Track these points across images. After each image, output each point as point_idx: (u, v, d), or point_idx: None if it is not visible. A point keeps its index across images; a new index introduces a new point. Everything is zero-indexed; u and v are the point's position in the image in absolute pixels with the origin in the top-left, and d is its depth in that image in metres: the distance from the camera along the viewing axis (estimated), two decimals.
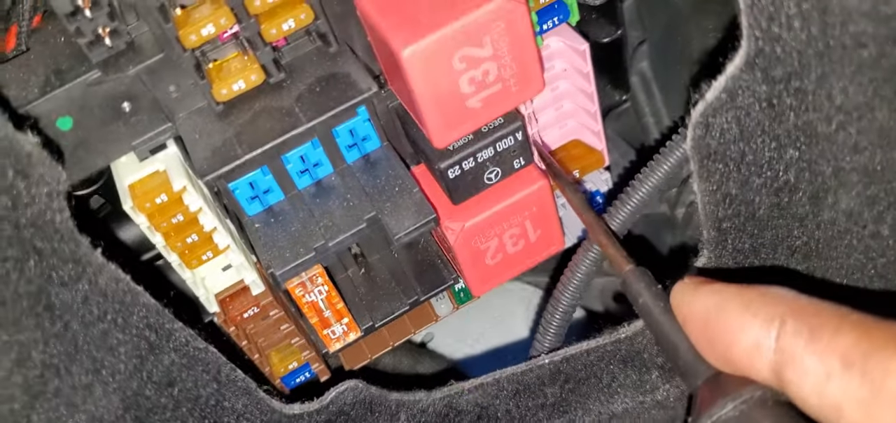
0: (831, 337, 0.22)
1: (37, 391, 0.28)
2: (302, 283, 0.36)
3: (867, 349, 0.22)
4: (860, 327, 0.22)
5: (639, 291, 0.31)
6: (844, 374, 0.22)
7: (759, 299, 0.25)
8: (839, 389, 0.22)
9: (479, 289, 0.40)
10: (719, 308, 0.26)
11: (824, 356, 0.22)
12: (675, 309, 0.28)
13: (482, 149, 0.35)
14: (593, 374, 0.37)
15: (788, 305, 0.24)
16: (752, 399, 0.25)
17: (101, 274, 0.29)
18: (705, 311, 0.27)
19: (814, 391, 0.23)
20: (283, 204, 0.36)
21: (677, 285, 0.29)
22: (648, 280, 0.31)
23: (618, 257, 0.33)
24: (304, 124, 0.32)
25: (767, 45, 0.25)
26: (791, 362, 0.23)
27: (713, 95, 0.27)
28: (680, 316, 0.28)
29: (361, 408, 0.37)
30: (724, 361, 0.26)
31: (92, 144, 0.33)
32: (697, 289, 0.27)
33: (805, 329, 0.23)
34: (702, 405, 0.26)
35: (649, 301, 0.30)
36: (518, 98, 0.33)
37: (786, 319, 0.24)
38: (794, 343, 0.23)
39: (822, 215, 0.30)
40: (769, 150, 0.28)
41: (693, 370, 0.28)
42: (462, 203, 0.37)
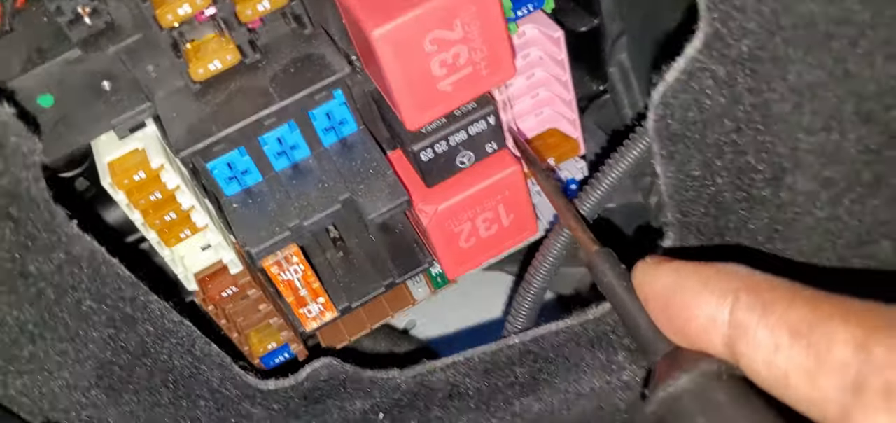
0: (783, 311, 0.23)
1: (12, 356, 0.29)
2: (277, 261, 0.36)
3: (814, 321, 0.22)
4: (810, 301, 0.23)
5: (603, 271, 0.32)
6: (792, 345, 0.23)
7: (715, 275, 0.26)
8: (786, 359, 0.23)
9: (453, 272, 0.40)
10: (677, 285, 0.27)
11: (775, 329, 0.23)
12: (637, 288, 0.29)
13: (454, 132, 0.36)
14: (562, 354, 0.38)
15: (743, 280, 0.25)
16: (708, 372, 0.26)
17: (76, 244, 0.29)
18: (664, 288, 0.27)
19: (764, 363, 0.23)
20: (261, 185, 0.37)
21: (639, 264, 0.30)
22: (613, 261, 0.32)
23: (585, 239, 0.34)
24: (277, 103, 0.33)
25: (723, 26, 0.26)
26: (744, 335, 0.24)
27: (673, 77, 0.28)
28: (641, 294, 0.29)
29: (335, 385, 0.38)
30: (681, 336, 0.27)
31: (73, 122, 0.34)
32: (657, 267, 0.28)
33: (758, 304, 0.24)
34: (659, 378, 0.27)
35: (613, 280, 0.31)
36: (489, 82, 0.34)
37: (740, 294, 0.25)
38: (747, 317, 0.24)
39: (781, 196, 0.31)
40: (729, 131, 0.29)
41: (653, 346, 0.29)
42: (435, 186, 0.37)
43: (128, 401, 0.33)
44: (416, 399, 0.39)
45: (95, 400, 0.32)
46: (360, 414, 0.39)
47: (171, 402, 0.34)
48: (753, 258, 0.34)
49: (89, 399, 0.32)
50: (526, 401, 0.39)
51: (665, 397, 0.26)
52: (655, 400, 0.27)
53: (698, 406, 0.26)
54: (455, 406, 0.39)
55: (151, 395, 0.34)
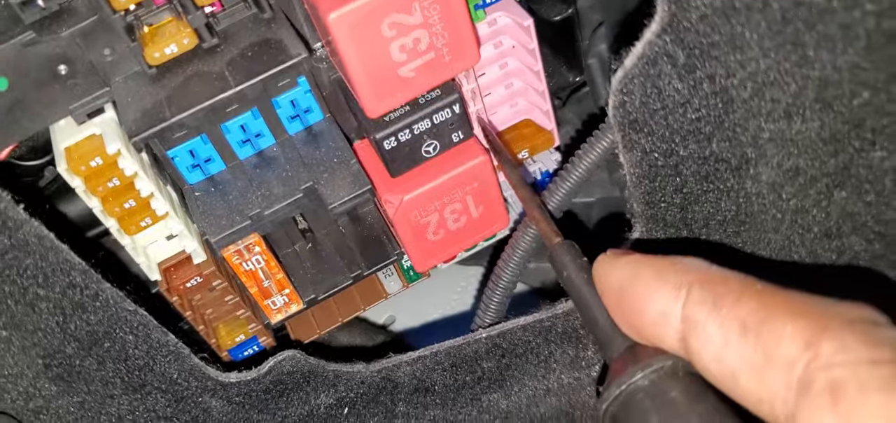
0: (732, 305, 0.23)
1: None
2: (238, 251, 0.36)
3: (764, 316, 0.22)
4: (761, 295, 0.22)
5: (564, 263, 0.31)
6: (741, 341, 0.22)
7: (669, 268, 0.25)
8: (735, 355, 0.22)
9: (422, 265, 0.40)
10: (632, 279, 0.26)
11: (724, 324, 0.22)
12: (596, 281, 0.29)
13: (418, 121, 0.35)
14: (530, 349, 0.37)
15: (696, 274, 0.24)
16: (663, 369, 0.25)
17: (22, 229, 0.29)
18: (619, 282, 0.27)
19: (713, 359, 0.23)
20: (224, 174, 0.36)
21: (599, 257, 0.29)
22: (574, 253, 0.31)
23: (548, 231, 0.33)
24: (231, 89, 0.32)
25: (679, 10, 0.25)
26: (694, 330, 0.23)
27: (631, 63, 0.27)
28: (599, 287, 0.28)
29: (299, 378, 0.37)
30: (636, 331, 0.26)
31: (29, 107, 0.33)
32: (616, 260, 0.28)
33: (709, 297, 0.23)
34: (613, 374, 0.27)
35: (573, 274, 0.31)
36: (452, 69, 0.33)
37: (693, 287, 0.24)
38: (698, 311, 0.23)
39: (746, 186, 0.30)
40: (690, 118, 0.28)
41: (609, 341, 0.28)
42: (401, 176, 0.37)
43: (78, 391, 0.32)
44: (382, 394, 0.38)
45: (43, 390, 0.32)
46: (324, 409, 0.38)
47: (124, 393, 0.34)
48: (722, 253, 0.33)
49: (37, 389, 0.32)
50: (493, 397, 0.38)
51: (618, 394, 0.26)
52: (609, 397, 0.26)
53: (652, 404, 0.25)
54: (421, 401, 0.38)
55: (104, 386, 0.33)
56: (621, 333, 0.27)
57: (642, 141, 0.29)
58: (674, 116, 0.28)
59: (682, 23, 0.26)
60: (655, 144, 0.29)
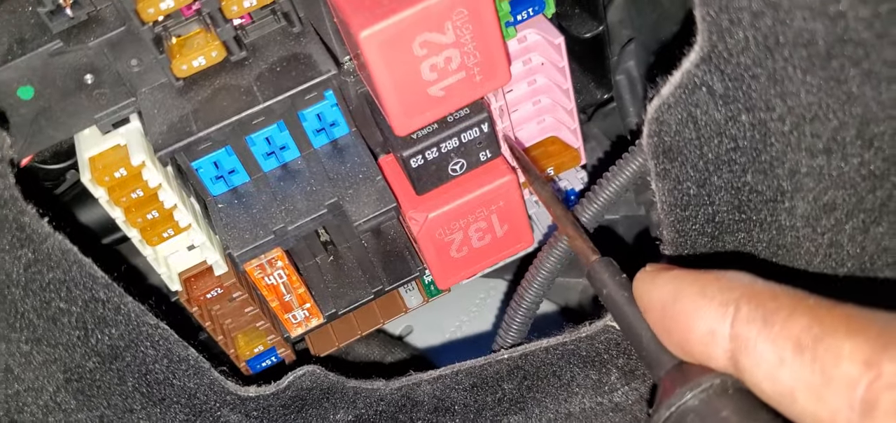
0: (784, 322, 0.22)
1: None
2: (260, 265, 0.36)
3: (819, 333, 0.21)
4: (814, 310, 0.22)
5: (603, 281, 0.30)
6: (796, 359, 0.21)
7: (714, 283, 0.24)
8: (791, 374, 0.21)
9: (444, 282, 0.39)
10: (676, 295, 0.25)
11: (777, 342, 0.22)
12: (637, 298, 0.28)
13: (446, 139, 0.35)
14: (552, 372, 0.37)
15: (744, 290, 0.23)
16: (712, 387, 0.24)
17: (46, 243, 0.29)
18: (663, 299, 0.26)
19: (767, 378, 0.22)
20: (248, 186, 0.36)
21: (638, 273, 0.28)
22: (613, 270, 0.31)
23: (584, 248, 0.32)
24: (259, 104, 0.32)
25: (720, 41, 0.25)
26: (745, 348, 0.23)
27: (668, 91, 0.27)
28: (641, 305, 0.28)
29: (318, 393, 0.37)
30: (682, 349, 0.25)
31: (54, 116, 0.33)
32: (656, 277, 0.27)
33: (759, 314, 0.22)
34: (663, 394, 0.26)
35: (613, 291, 0.30)
36: (483, 88, 0.33)
37: (740, 304, 0.23)
38: (747, 329, 0.23)
39: (780, 219, 0.29)
40: (726, 149, 0.28)
41: (656, 360, 0.27)
42: (427, 194, 0.36)
43: (97, 406, 0.32)
44: (401, 412, 0.38)
45: (63, 405, 0.31)
46: None
47: (144, 408, 0.33)
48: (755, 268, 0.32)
49: (57, 404, 0.31)
50: (513, 419, 0.37)
51: (669, 415, 0.25)
52: (659, 420, 0.25)
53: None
54: (440, 421, 0.38)
55: (123, 400, 0.33)
56: (667, 351, 0.27)
57: (675, 170, 0.29)
58: (709, 145, 0.28)
59: (723, 53, 0.25)
60: (689, 173, 0.29)
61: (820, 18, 0.23)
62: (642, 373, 0.36)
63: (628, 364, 0.36)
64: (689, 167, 0.29)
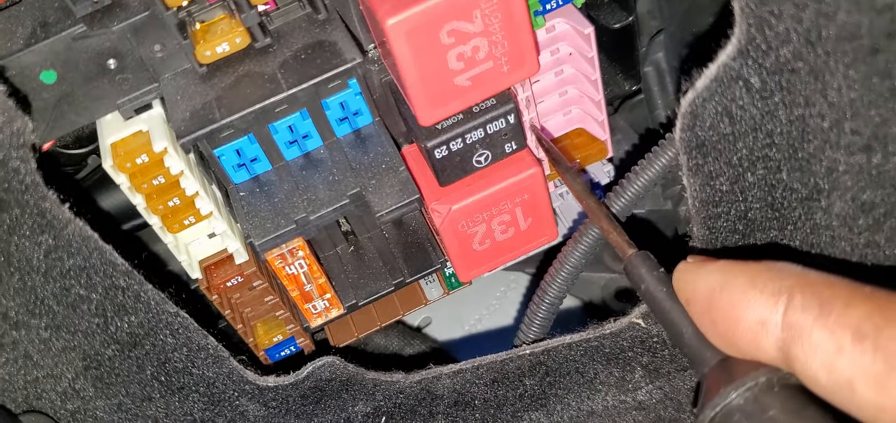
0: (842, 311, 0.21)
1: None
2: (281, 254, 0.35)
3: (880, 322, 0.20)
4: (873, 299, 0.21)
5: (641, 276, 0.30)
6: (856, 348, 0.20)
7: (765, 273, 0.23)
8: (851, 364, 0.21)
9: (466, 275, 0.39)
10: (723, 286, 0.24)
11: (835, 330, 0.21)
12: (678, 291, 0.27)
13: (471, 130, 0.34)
14: (575, 369, 0.36)
15: (797, 279, 0.23)
16: (759, 385, 0.23)
17: (67, 229, 0.28)
18: (708, 290, 0.25)
19: (823, 368, 0.21)
20: (270, 174, 0.36)
21: (680, 265, 0.27)
22: (651, 264, 0.30)
23: (620, 242, 0.31)
24: (283, 92, 0.31)
25: (759, 33, 0.24)
26: (799, 338, 0.22)
27: (703, 84, 0.26)
28: (683, 298, 0.27)
29: (337, 385, 0.37)
30: (728, 343, 0.25)
31: (76, 100, 0.33)
32: (700, 268, 0.26)
33: (814, 303, 0.22)
34: (707, 393, 0.25)
35: (652, 286, 0.29)
36: (510, 79, 0.32)
37: (794, 293, 0.22)
38: (802, 318, 0.22)
39: (815, 218, 0.28)
40: (761, 145, 0.27)
41: (699, 356, 0.26)
42: (450, 185, 0.36)
43: (116, 393, 0.32)
44: (420, 405, 0.37)
45: (82, 392, 0.31)
46: (361, 417, 0.37)
47: (163, 396, 0.33)
48: None
49: (75, 390, 0.31)
50: (534, 415, 0.37)
51: (714, 416, 0.24)
52: (705, 419, 0.24)
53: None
54: (460, 415, 0.37)
55: (142, 388, 0.32)
56: (711, 346, 0.26)
57: (709, 165, 0.28)
58: (744, 141, 0.27)
59: (762, 46, 0.24)
60: (722, 169, 0.28)
61: (866, 12, 0.22)
62: (667, 371, 0.35)
63: (653, 362, 0.35)
64: (723, 163, 0.28)
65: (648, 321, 0.35)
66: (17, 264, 0.28)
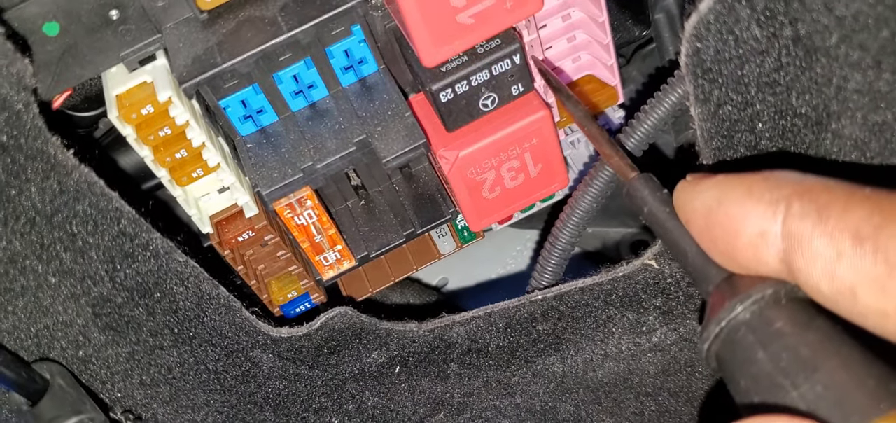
0: (841, 214, 0.20)
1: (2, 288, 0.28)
2: (290, 204, 0.35)
3: (879, 222, 0.19)
4: (872, 200, 0.20)
5: (644, 198, 0.29)
6: (856, 251, 0.20)
7: (761, 182, 0.23)
8: (851, 269, 0.20)
9: (477, 223, 0.38)
10: (720, 199, 0.24)
11: (834, 235, 0.20)
12: (678, 211, 0.26)
13: (476, 71, 0.34)
14: (588, 313, 0.36)
15: (794, 186, 0.22)
16: (764, 298, 0.23)
17: (72, 175, 0.28)
18: (706, 205, 0.24)
19: (825, 276, 0.20)
20: (277, 125, 0.36)
21: (679, 183, 0.27)
22: (653, 186, 0.29)
23: (622, 165, 0.31)
24: (284, 34, 0.31)
25: None
26: (799, 246, 0.21)
27: (706, 7, 0.26)
28: (683, 217, 0.26)
29: (351, 335, 0.37)
30: (729, 258, 0.24)
31: (80, 53, 0.33)
32: (697, 184, 0.25)
33: (813, 209, 0.21)
34: (711, 310, 0.24)
35: (654, 207, 0.28)
36: (514, 16, 0.32)
37: (792, 201, 0.22)
38: (801, 226, 0.21)
39: (826, 144, 0.28)
40: (769, 69, 0.26)
41: (703, 274, 0.25)
42: (457, 131, 0.35)
43: (127, 341, 0.32)
44: (434, 353, 0.37)
45: (93, 339, 0.31)
46: (375, 367, 0.37)
47: (174, 345, 0.33)
48: None
49: (86, 338, 0.31)
50: (549, 360, 0.37)
51: (719, 331, 0.24)
52: (709, 336, 0.24)
53: (756, 338, 0.23)
54: (474, 362, 0.37)
55: (153, 337, 0.33)
56: (715, 263, 0.25)
57: (716, 92, 0.28)
58: (750, 65, 0.26)
59: None
60: (729, 95, 0.28)
61: None
62: (681, 313, 0.35)
63: (666, 304, 0.35)
64: (730, 89, 0.27)
65: (661, 262, 0.34)
66: (23, 208, 0.28)
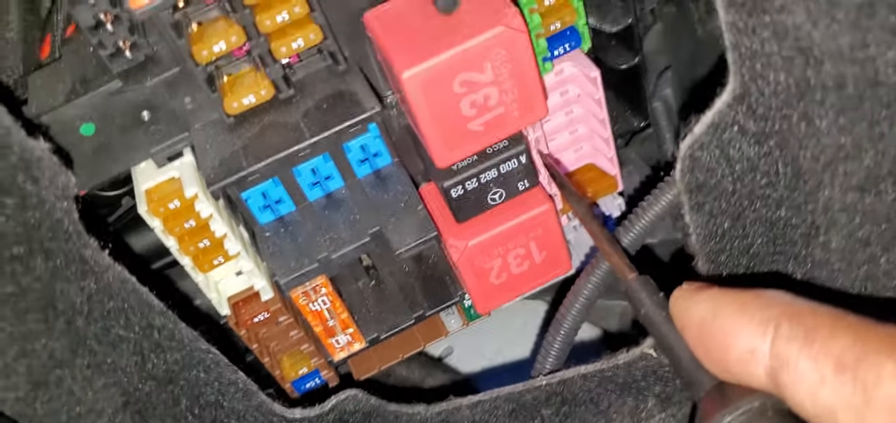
0: (825, 341, 0.22)
1: (40, 381, 0.30)
2: (305, 292, 0.37)
3: (861, 353, 0.21)
4: (855, 330, 0.22)
5: (641, 300, 0.31)
6: (837, 379, 0.21)
7: (754, 301, 0.25)
8: (832, 394, 0.21)
9: (484, 307, 0.40)
10: (715, 313, 0.26)
11: (818, 360, 0.22)
12: (674, 317, 0.28)
13: (485, 170, 0.36)
14: (590, 399, 0.38)
15: (784, 308, 0.24)
16: (752, 409, 0.25)
17: (107, 273, 0.30)
18: (701, 317, 0.26)
19: (808, 397, 0.22)
20: (295, 215, 0.37)
21: (675, 291, 0.28)
22: (651, 288, 0.31)
23: (621, 265, 0.33)
24: (306, 140, 0.33)
25: (752, 83, 0.26)
26: (786, 366, 0.23)
27: (700, 130, 0.28)
28: (678, 324, 0.28)
29: (360, 417, 0.38)
30: (721, 369, 0.26)
31: (113, 150, 0.35)
32: (694, 295, 0.27)
33: (800, 333, 0.23)
34: (702, 417, 0.26)
35: (651, 310, 0.30)
36: (520, 122, 0.34)
37: (781, 322, 0.23)
38: (788, 348, 0.23)
39: (814, 254, 0.30)
40: (760, 185, 0.28)
41: (695, 380, 0.27)
42: (467, 222, 0.37)
43: None
44: None
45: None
46: None
47: None
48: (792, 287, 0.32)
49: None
50: None
51: None
52: None
53: None
54: None
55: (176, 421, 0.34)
56: (706, 371, 0.27)
57: (709, 204, 0.30)
58: (742, 181, 0.28)
59: (755, 94, 0.26)
60: (723, 207, 0.30)
61: (849, 64, 0.24)
62: (679, 400, 0.37)
63: (665, 391, 0.36)
64: (723, 202, 0.29)
65: (659, 351, 0.36)
66: (62, 308, 0.30)
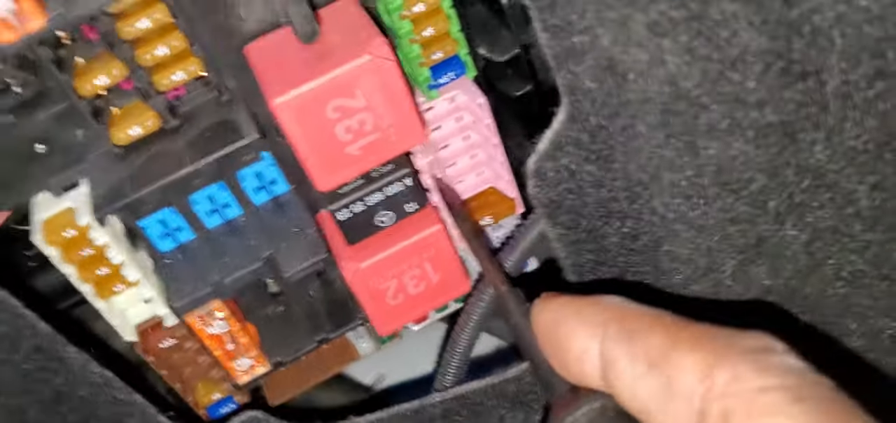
0: (643, 339, 0.24)
1: None
2: (201, 316, 0.38)
3: (668, 349, 0.23)
4: (668, 328, 0.23)
5: (510, 311, 0.32)
6: (649, 374, 0.23)
7: (589, 307, 0.26)
8: (646, 389, 0.23)
9: (384, 328, 0.41)
10: (557, 320, 0.27)
11: (636, 358, 0.23)
12: (533, 325, 0.30)
13: (370, 193, 0.37)
14: (484, 412, 0.39)
15: (614, 311, 0.25)
16: (592, 410, 0.26)
17: None
18: (547, 324, 0.28)
19: (628, 392, 0.24)
20: (194, 242, 0.39)
21: (534, 302, 0.30)
22: (518, 300, 0.32)
23: (495, 279, 0.34)
24: (187, 168, 0.34)
25: (577, 101, 0.27)
26: (612, 366, 0.24)
27: (543, 147, 0.29)
28: (535, 331, 0.29)
29: None
30: (565, 371, 0.27)
31: (9, 183, 0.36)
32: (546, 303, 0.29)
33: (625, 334, 0.24)
34: (551, 419, 0.28)
35: (517, 320, 0.32)
36: (399, 147, 0.35)
37: (610, 325, 0.25)
38: (613, 348, 0.24)
39: (663, 264, 0.31)
40: (605, 198, 0.30)
41: (550, 384, 0.29)
42: (358, 244, 0.39)
43: None
44: None
45: None
46: None
47: None
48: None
49: None
50: None
51: None
52: None
53: None
54: None
55: None
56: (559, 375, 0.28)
57: (562, 218, 0.31)
58: (589, 196, 0.30)
59: (583, 112, 0.27)
60: (575, 219, 0.31)
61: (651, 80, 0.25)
62: None
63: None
64: (574, 214, 0.31)
65: None
66: None
